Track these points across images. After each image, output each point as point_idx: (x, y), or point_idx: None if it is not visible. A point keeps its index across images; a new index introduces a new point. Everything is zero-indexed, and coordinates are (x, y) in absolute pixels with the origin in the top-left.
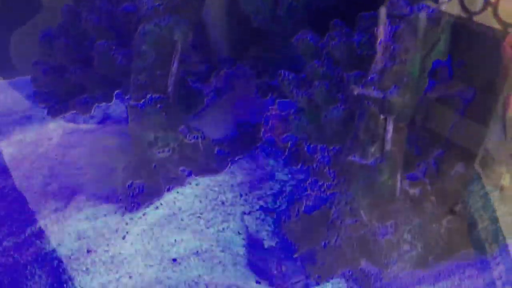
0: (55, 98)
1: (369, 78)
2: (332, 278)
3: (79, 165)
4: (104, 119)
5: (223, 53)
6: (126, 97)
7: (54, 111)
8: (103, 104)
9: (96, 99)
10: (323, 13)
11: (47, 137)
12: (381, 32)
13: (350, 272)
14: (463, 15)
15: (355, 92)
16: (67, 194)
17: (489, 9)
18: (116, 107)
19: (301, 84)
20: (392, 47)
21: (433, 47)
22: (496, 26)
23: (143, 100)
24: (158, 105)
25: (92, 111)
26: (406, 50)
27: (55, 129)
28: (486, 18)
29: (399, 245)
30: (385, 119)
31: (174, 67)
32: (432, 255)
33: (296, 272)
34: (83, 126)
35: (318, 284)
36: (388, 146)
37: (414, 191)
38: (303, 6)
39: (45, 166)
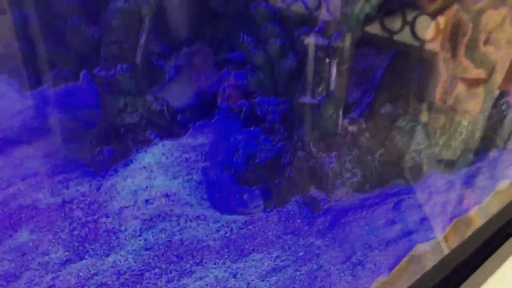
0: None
1: (317, 29)
2: (286, 205)
3: (49, 136)
4: (72, 94)
5: (183, 33)
6: (96, 70)
7: (27, 85)
8: (71, 82)
9: (66, 76)
10: None
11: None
12: None
13: (302, 198)
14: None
15: (305, 42)
16: (36, 165)
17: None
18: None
19: (258, 46)
20: (335, 0)
21: (366, 1)
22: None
23: (113, 70)
24: (128, 74)
25: (62, 87)
26: (346, 3)
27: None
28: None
29: (342, 173)
30: (330, 63)
31: (142, 40)
32: (369, 182)
33: (255, 200)
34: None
35: (273, 211)
36: (331, 87)
37: (352, 128)
38: None
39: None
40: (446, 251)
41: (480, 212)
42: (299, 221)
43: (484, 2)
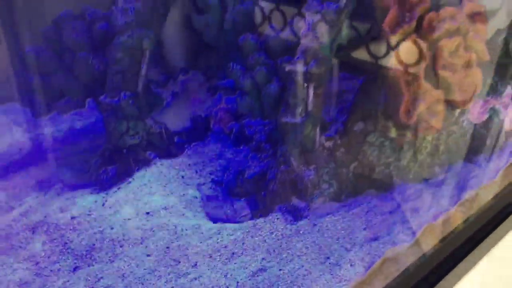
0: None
1: (296, 57)
2: (271, 213)
3: (57, 158)
4: (78, 120)
5: (179, 63)
6: (102, 97)
7: (38, 113)
8: (77, 109)
9: (73, 104)
10: None
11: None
12: (304, 23)
13: (285, 207)
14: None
15: (286, 69)
16: (45, 185)
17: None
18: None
19: (246, 73)
20: (311, 34)
21: (338, 33)
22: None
23: (117, 98)
24: (131, 101)
25: (69, 113)
26: (321, 35)
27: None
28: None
29: (320, 184)
30: (307, 87)
31: (143, 70)
32: (344, 191)
33: (244, 209)
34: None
35: (259, 219)
36: (310, 107)
37: (328, 143)
38: (244, 22)
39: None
40: (417, 255)
41: (448, 219)
42: (282, 227)
43: (440, 32)
